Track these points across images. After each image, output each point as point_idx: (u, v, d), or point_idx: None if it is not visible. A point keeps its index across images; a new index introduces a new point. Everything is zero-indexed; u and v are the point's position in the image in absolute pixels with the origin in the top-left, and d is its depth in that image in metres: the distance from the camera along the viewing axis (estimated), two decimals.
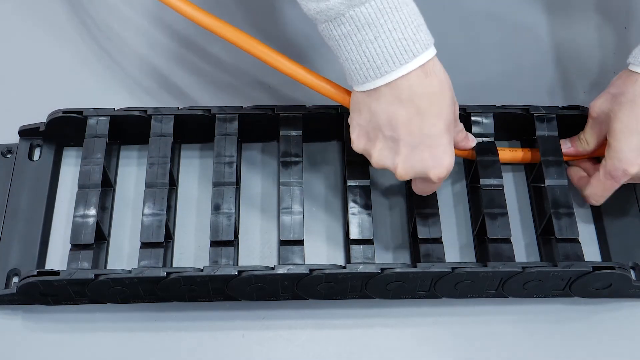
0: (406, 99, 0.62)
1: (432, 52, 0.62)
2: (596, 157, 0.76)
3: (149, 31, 0.86)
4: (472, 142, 0.72)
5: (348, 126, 0.68)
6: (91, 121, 0.74)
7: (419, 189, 0.69)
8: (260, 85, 0.82)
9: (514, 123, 0.77)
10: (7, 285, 0.70)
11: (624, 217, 0.75)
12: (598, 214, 0.76)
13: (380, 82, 0.61)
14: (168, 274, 0.66)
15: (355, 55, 0.61)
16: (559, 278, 0.68)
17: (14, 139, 0.77)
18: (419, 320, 0.71)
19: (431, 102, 0.62)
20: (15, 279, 0.71)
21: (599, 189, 0.72)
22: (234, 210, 0.70)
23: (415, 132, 0.63)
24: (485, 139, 0.75)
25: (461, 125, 0.70)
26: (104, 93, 0.82)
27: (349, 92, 0.68)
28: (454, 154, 0.65)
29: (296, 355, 0.69)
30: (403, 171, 0.65)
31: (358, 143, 0.66)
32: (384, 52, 0.60)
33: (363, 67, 0.61)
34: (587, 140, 0.75)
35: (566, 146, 0.75)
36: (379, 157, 0.66)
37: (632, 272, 0.72)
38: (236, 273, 0.66)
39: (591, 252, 0.74)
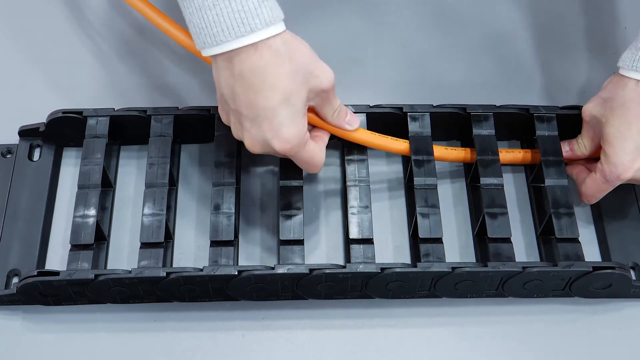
0: (238, 73, 0.62)
1: (276, 29, 0.62)
2: (596, 158, 0.76)
3: (149, 31, 0.86)
4: (347, 124, 0.70)
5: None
6: (91, 121, 0.74)
7: (303, 166, 0.68)
8: None
9: (514, 123, 0.77)
10: (7, 286, 0.70)
11: (624, 217, 0.75)
12: (598, 214, 0.76)
13: (216, 51, 0.62)
14: (168, 274, 0.66)
15: (196, 19, 0.61)
16: (559, 278, 0.68)
17: (14, 139, 0.77)
18: (419, 320, 0.71)
19: (263, 76, 0.62)
20: (15, 279, 0.71)
21: (592, 189, 0.72)
22: (233, 210, 0.70)
23: (252, 105, 0.63)
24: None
25: (337, 103, 0.69)
26: (104, 93, 0.81)
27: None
28: (300, 128, 0.64)
29: (296, 355, 0.69)
30: (249, 143, 0.65)
31: (222, 116, 0.67)
32: (221, 21, 0.60)
33: (202, 32, 0.61)
34: (584, 144, 0.75)
35: (565, 149, 0.75)
36: (234, 130, 0.66)
37: (632, 272, 0.72)
38: (236, 273, 0.66)
39: (591, 252, 0.74)
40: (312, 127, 0.70)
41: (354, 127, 0.71)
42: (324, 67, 0.65)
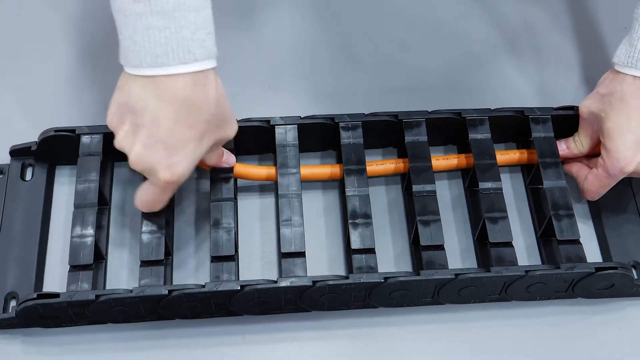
0: (167, 99, 0.61)
1: (211, 63, 0.62)
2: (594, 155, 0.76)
3: None
4: (224, 163, 0.72)
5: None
6: (84, 139, 0.73)
7: (142, 198, 0.68)
8: (255, 94, 0.82)
9: (510, 126, 0.77)
10: (4, 309, 0.69)
11: (622, 215, 0.75)
12: (596, 212, 0.76)
13: (152, 72, 0.61)
14: (170, 291, 0.65)
15: (139, 37, 0.60)
16: (562, 280, 0.68)
17: (5, 159, 0.76)
18: (423, 327, 0.70)
19: (189, 112, 0.62)
20: (13, 303, 0.69)
21: (595, 185, 0.72)
22: (233, 225, 0.70)
23: (162, 129, 0.62)
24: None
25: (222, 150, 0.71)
26: (97, 110, 0.80)
27: None
28: (189, 170, 0.64)
29: None
30: (136, 158, 0.64)
31: (111, 120, 0.65)
32: (167, 44, 0.60)
33: (142, 51, 0.60)
34: (581, 142, 0.75)
35: (561, 148, 0.75)
36: (122, 138, 0.64)
37: (633, 271, 0.72)
38: (239, 288, 0.65)
39: (591, 251, 0.74)
40: None
41: (226, 165, 0.72)
42: (234, 119, 0.66)
